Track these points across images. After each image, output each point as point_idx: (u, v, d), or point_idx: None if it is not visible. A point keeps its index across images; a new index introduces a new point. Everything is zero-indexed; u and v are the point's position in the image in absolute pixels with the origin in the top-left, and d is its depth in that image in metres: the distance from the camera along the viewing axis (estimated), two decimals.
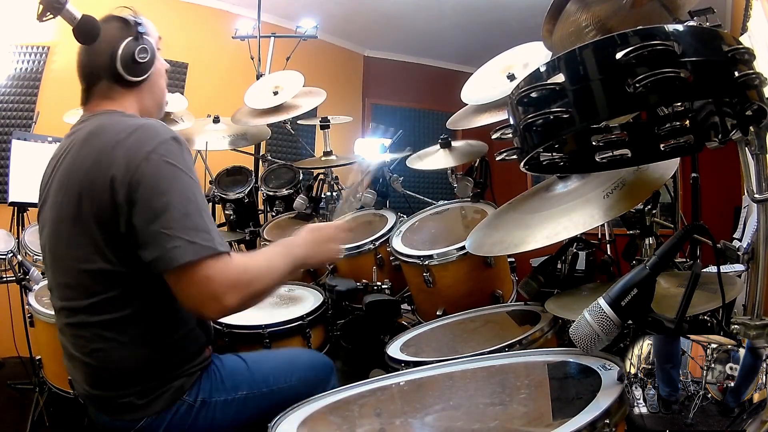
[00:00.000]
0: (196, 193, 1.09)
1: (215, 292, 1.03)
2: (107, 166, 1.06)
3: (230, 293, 1.05)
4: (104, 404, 1.16)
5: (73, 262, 1.11)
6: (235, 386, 1.26)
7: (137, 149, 1.06)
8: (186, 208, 1.05)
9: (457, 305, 1.88)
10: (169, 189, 1.05)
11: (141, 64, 1.23)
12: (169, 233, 1.02)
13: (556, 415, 0.90)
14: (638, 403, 0.94)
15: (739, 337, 0.96)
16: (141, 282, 1.11)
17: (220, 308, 1.05)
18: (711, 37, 0.87)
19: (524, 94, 0.94)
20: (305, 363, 1.42)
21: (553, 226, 1.34)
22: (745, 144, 0.97)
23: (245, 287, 1.08)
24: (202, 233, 1.04)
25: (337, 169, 2.91)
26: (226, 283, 1.04)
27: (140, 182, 1.04)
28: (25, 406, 2.45)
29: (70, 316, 1.15)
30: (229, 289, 1.05)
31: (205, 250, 1.03)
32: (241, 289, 1.07)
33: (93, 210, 1.08)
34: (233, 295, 1.05)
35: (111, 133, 1.11)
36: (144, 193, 1.04)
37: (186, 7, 4.63)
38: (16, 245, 2.53)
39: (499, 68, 2.28)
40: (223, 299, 1.04)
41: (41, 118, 3.71)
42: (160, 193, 1.04)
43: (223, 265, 1.05)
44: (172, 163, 1.07)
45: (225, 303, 1.04)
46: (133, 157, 1.05)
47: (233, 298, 1.05)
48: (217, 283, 1.03)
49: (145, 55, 1.23)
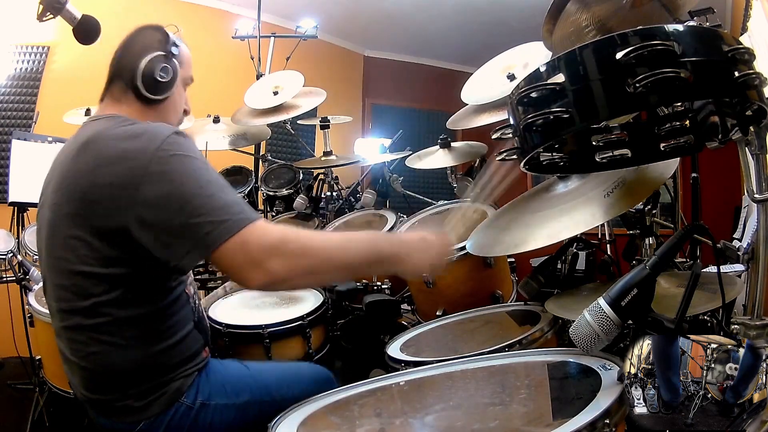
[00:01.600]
0: (211, 173, 1.08)
1: (254, 258, 1.00)
2: (108, 173, 1.05)
3: (273, 259, 1.00)
4: (102, 408, 1.16)
5: (69, 264, 1.10)
6: (237, 392, 1.25)
7: (142, 152, 1.04)
8: (208, 191, 1.03)
9: (457, 305, 1.88)
10: (185, 179, 1.03)
11: (159, 83, 1.22)
12: (199, 221, 1.00)
13: (556, 415, 0.90)
14: (638, 403, 0.94)
15: (739, 337, 0.96)
16: (138, 284, 1.11)
17: (264, 274, 1.00)
18: (711, 37, 0.87)
19: (524, 94, 0.94)
20: (308, 376, 1.41)
21: (553, 226, 1.34)
22: (745, 144, 0.97)
23: (292, 255, 1.03)
24: (230, 208, 1.02)
25: (337, 169, 2.91)
26: (265, 246, 1.01)
27: (151, 184, 1.02)
28: (25, 406, 2.45)
29: (66, 319, 1.14)
30: (270, 253, 1.00)
31: (239, 223, 1.00)
32: (286, 256, 1.02)
33: (92, 213, 1.07)
34: (277, 261, 1.00)
35: (110, 139, 1.09)
36: (160, 191, 1.02)
37: (186, 7, 4.63)
38: (16, 245, 2.53)
39: (499, 68, 2.28)
40: (266, 264, 1.00)
41: (41, 118, 3.71)
42: (178, 186, 1.02)
43: (260, 230, 1.02)
44: (180, 153, 1.06)
45: (269, 268, 1.00)
46: (138, 161, 1.03)
47: (277, 265, 1.00)
48: (255, 246, 1.00)
49: (165, 76, 1.22)
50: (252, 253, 1.00)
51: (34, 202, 1.27)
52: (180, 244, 1.03)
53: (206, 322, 1.37)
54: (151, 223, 1.03)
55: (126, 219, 1.04)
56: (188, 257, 1.04)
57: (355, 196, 3.03)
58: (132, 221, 1.03)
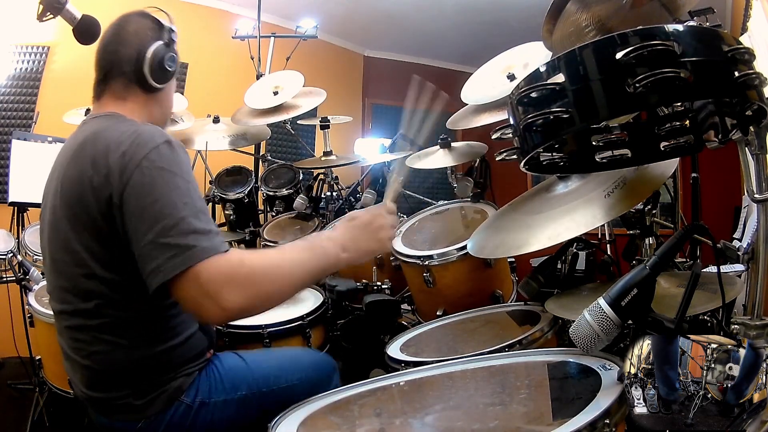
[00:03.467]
0: (192, 195, 1.03)
1: (208, 291, 0.95)
2: (101, 175, 1.04)
3: (227, 290, 0.95)
4: (103, 406, 1.16)
5: (70, 266, 1.11)
6: (235, 386, 1.25)
7: (130, 158, 1.03)
8: (181, 213, 0.99)
9: (457, 305, 1.88)
10: (161, 196, 1.00)
11: (167, 72, 1.23)
12: (165, 242, 0.96)
13: (556, 415, 0.90)
14: (638, 403, 0.94)
15: (739, 337, 0.95)
16: (139, 285, 1.09)
17: (220, 308, 0.95)
18: (711, 37, 0.87)
19: (524, 94, 0.94)
20: (308, 362, 1.40)
21: (555, 227, 1.34)
22: (745, 144, 0.97)
23: (248, 284, 0.99)
24: (200, 236, 0.98)
25: (337, 169, 2.91)
26: (219, 278, 0.96)
27: (132, 193, 1.01)
28: (25, 406, 2.45)
29: (68, 319, 1.14)
30: (223, 285, 0.95)
31: (204, 253, 0.96)
32: (241, 286, 0.97)
33: (88, 216, 1.06)
34: (232, 293, 0.96)
35: (106, 140, 1.08)
36: (136, 204, 1.00)
37: (186, 7, 4.63)
38: (16, 245, 2.53)
39: (499, 68, 2.28)
40: (220, 297, 0.95)
41: (41, 118, 3.71)
42: (152, 202, 0.99)
43: (214, 262, 0.96)
44: (165, 167, 1.03)
45: (223, 302, 0.95)
46: (126, 166, 1.02)
47: (233, 296, 0.96)
48: (208, 279, 0.95)
49: (173, 64, 1.23)
50: (204, 287, 0.95)
51: (34, 202, 1.28)
52: (146, 261, 0.99)
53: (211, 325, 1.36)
54: (127, 234, 1.02)
55: (115, 222, 1.04)
56: (150, 277, 0.98)
57: (355, 196, 3.03)
58: (118, 225, 1.03)
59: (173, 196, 1.01)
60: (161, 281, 0.97)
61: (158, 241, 0.97)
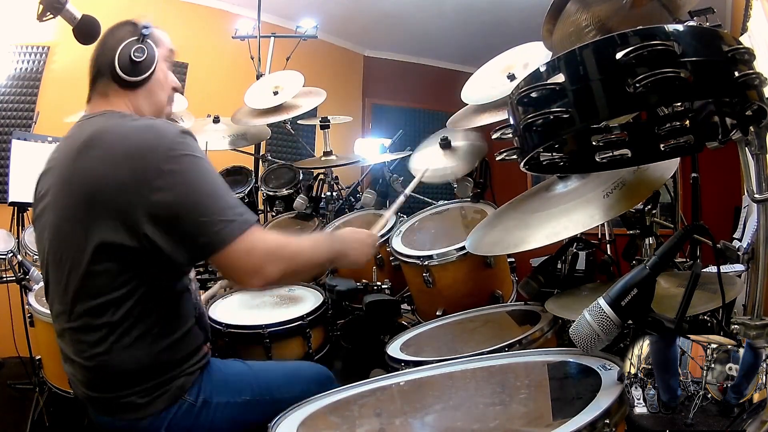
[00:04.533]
0: (216, 174, 1.16)
1: (256, 264, 1.11)
2: (120, 170, 1.06)
3: (271, 264, 1.13)
4: (105, 405, 1.16)
5: (76, 266, 1.10)
6: (238, 390, 1.26)
7: (153, 150, 1.08)
8: (216, 191, 1.11)
9: (457, 305, 1.88)
10: (196, 179, 1.10)
11: (137, 63, 1.23)
12: (211, 219, 1.07)
13: (556, 415, 0.90)
14: (638, 403, 0.94)
15: (739, 337, 0.96)
16: (145, 283, 1.11)
17: (263, 278, 1.12)
18: (711, 37, 0.87)
19: (524, 94, 0.94)
20: (309, 376, 1.42)
21: (552, 226, 1.34)
22: (745, 144, 0.97)
23: (286, 260, 1.17)
24: (234, 209, 1.11)
25: (337, 169, 2.91)
26: (266, 253, 1.13)
27: (165, 181, 1.06)
28: (25, 406, 2.45)
29: (72, 320, 1.14)
30: (268, 259, 1.13)
31: (243, 225, 1.10)
32: (281, 261, 1.15)
33: (102, 213, 1.07)
34: (274, 266, 1.13)
35: (117, 136, 1.11)
36: (174, 190, 1.06)
37: (186, 7, 4.63)
38: (16, 245, 2.53)
39: (499, 68, 2.28)
40: (265, 270, 1.12)
41: (41, 118, 3.71)
42: (190, 186, 1.08)
43: (262, 236, 1.14)
44: (190, 153, 1.11)
45: (267, 273, 1.12)
46: (149, 158, 1.06)
47: (274, 269, 1.13)
48: (258, 253, 1.12)
49: (141, 54, 1.23)
50: (254, 259, 1.12)
51: None
52: (190, 242, 1.09)
53: (206, 318, 1.39)
54: (164, 221, 1.07)
55: (137, 217, 1.05)
56: (196, 254, 1.12)
57: (355, 196, 3.03)
58: (144, 219, 1.05)
59: (206, 179, 1.12)
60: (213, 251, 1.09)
61: (202, 220, 1.08)
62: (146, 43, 1.25)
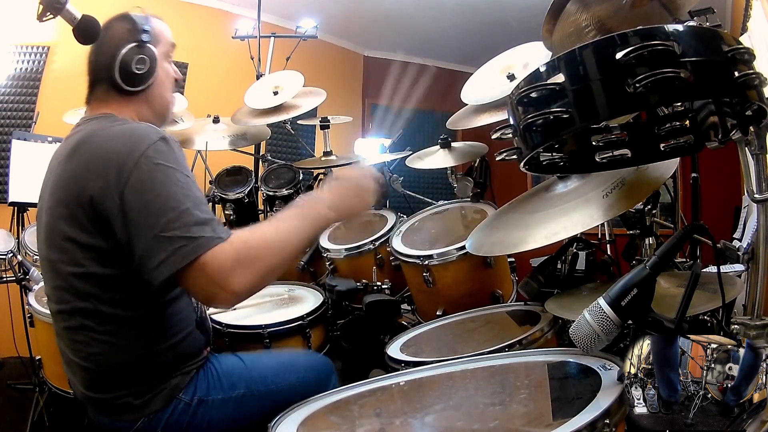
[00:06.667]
0: (191, 187, 1.06)
1: (217, 279, 0.99)
2: (97, 175, 1.05)
3: (235, 274, 0.99)
4: (102, 406, 1.16)
5: (66, 266, 1.11)
6: (233, 385, 1.25)
7: (127, 156, 1.04)
8: (183, 205, 1.02)
9: (457, 305, 1.88)
10: (163, 190, 1.02)
11: (138, 74, 1.21)
12: (170, 235, 0.99)
13: (556, 415, 0.90)
14: (638, 403, 0.94)
15: (739, 337, 0.95)
16: (135, 285, 1.10)
17: (230, 292, 1.00)
18: (711, 37, 0.87)
19: (524, 94, 0.94)
20: (305, 364, 1.42)
21: (552, 226, 1.34)
22: (745, 144, 0.97)
23: (254, 262, 1.02)
24: (204, 227, 1.01)
25: (337, 169, 2.91)
26: (226, 264, 0.99)
27: (133, 190, 1.02)
28: (25, 406, 2.45)
29: (66, 320, 1.14)
30: (231, 270, 0.99)
31: (210, 242, 0.99)
32: (248, 266, 1.01)
33: (86, 216, 1.07)
34: (240, 275, 1.00)
35: (100, 141, 1.10)
36: (138, 200, 1.02)
37: (186, 7, 4.63)
38: (16, 245, 2.53)
39: (499, 68, 2.28)
40: (229, 282, 0.99)
41: (41, 118, 3.71)
42: (154, 197, 1.01)
43: (220, 249, 1.00)
44: (163, 163, 1.05)
45: (233, 286, 0.99)
46: (123, 165, 1.03)
47: (241, 278, 1.00)
48: (215, 267, 0.98)
49: (143, 66, 1.20)
50: (212, 275, 0.99)
51: (34, 202, 1.28)
52: (152, 255, 1.00)
53: (209, 322, 1.37)
54: (128, 229, 1.02)
55: (113, 222, 1.04)
56: (158, 270, 1.00)
57: None
58: (117, 224, 1.04)
59: (174, 189, 1.03)
60: (170, 273, 0.99)
61: (164, 234, 0.99)
62: (147, 50, 1.22)
